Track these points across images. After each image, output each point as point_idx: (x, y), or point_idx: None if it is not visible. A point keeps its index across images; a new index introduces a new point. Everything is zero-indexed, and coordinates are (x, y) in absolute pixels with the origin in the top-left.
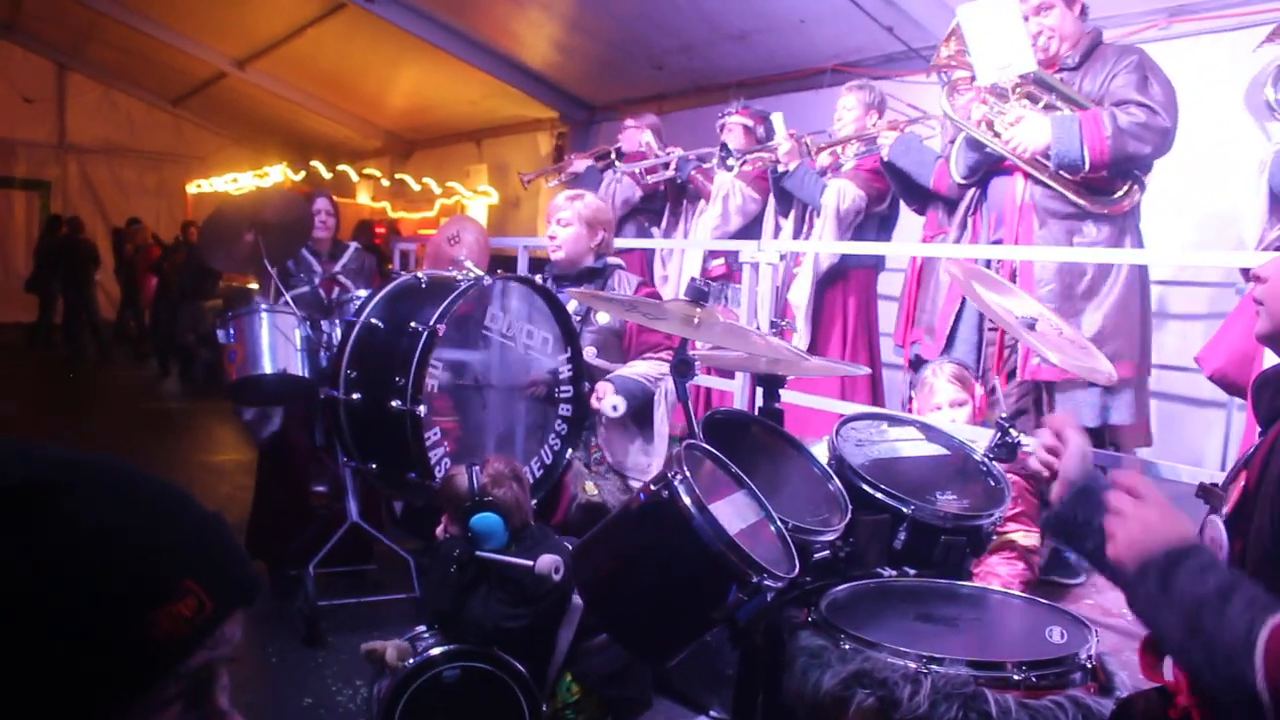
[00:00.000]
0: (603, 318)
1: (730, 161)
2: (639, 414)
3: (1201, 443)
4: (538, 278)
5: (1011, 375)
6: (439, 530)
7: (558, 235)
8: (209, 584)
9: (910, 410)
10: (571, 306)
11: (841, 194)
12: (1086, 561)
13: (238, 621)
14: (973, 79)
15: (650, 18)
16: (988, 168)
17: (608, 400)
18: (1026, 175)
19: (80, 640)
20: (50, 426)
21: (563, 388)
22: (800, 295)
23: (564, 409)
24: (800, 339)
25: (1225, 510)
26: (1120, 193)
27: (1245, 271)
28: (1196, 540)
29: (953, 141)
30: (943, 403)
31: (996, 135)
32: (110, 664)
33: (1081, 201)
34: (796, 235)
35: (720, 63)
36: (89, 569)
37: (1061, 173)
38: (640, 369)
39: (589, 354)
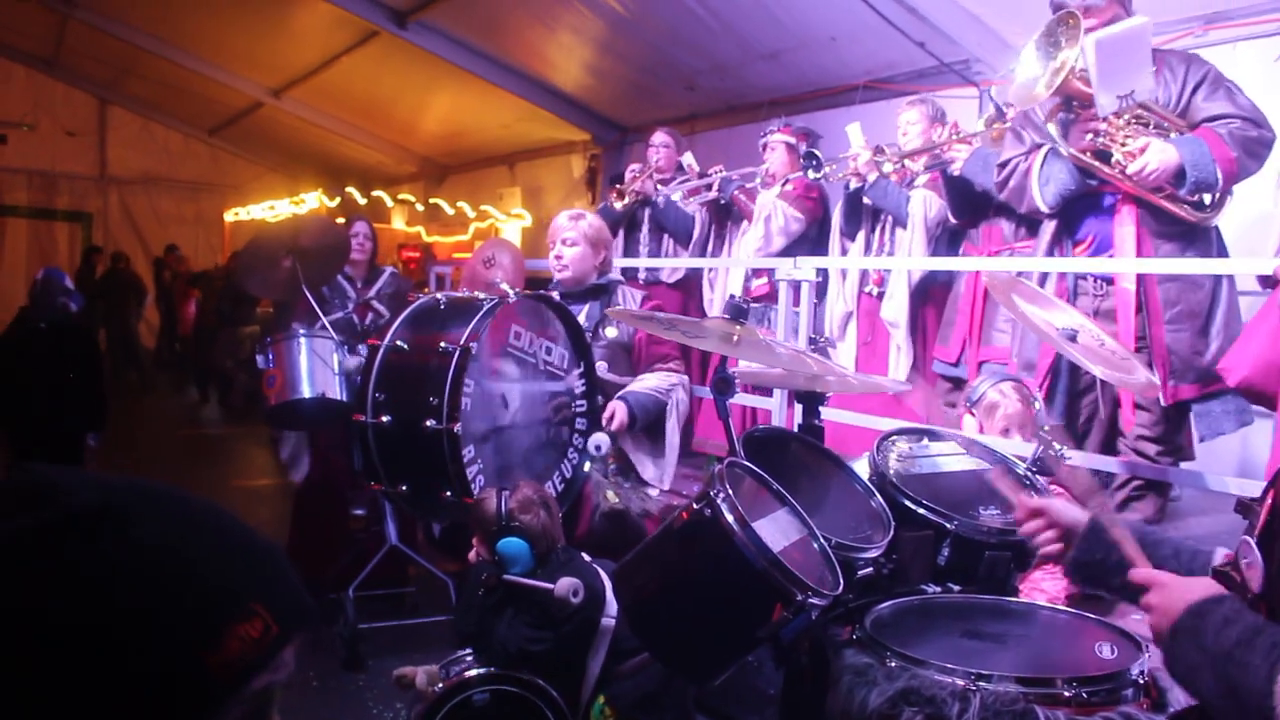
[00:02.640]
0: (611, 332)
1: (826, 169)
2: (651, 426)
3: (1244, 454)
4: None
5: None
6: (471, 554)
7: (564, 255)
8: (273, 608)
9: (960, 426)
10: (579, 320)
11: (928, 203)
12: (1118, 596)
13: (294, 646)
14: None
15: (681, 39)
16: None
17: (593, 439)
18: (1137, 207)
19: (154, 660)
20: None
21: (578, 403)
22: (898, 313)
23: (580, 423)
24: (903, 357)
25: (1256, 529)
26: (1211, 203)
27: (1264, 279)
28: (1220, 594)
29: (1028, 169)
30: (1012, 426)
31: (1108, 164)
32: (182, 683)
33: (1189, 218)
34: (868, 254)
35: (752, 82)
36: (160, 590)
37: (1182, 194)
38: (650, 383)
39: (600, 368)
